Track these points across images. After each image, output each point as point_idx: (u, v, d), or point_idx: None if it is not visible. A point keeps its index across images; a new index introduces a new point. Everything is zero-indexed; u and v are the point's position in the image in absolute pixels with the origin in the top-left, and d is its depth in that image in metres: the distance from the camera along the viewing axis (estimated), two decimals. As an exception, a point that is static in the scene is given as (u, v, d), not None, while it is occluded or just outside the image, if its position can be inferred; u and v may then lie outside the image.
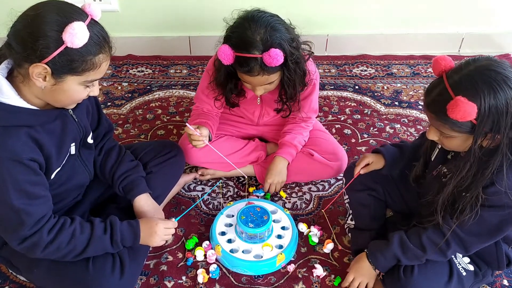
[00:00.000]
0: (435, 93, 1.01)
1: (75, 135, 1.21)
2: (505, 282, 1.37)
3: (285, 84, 1.45)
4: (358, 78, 2.38)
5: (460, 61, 1.03)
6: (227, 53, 1.31)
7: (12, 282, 1.36)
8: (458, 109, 0.94)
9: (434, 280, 1.20)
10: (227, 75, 1.46)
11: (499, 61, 0.99)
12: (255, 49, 1.29)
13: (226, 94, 1.53)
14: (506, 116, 0.96)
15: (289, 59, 1.35)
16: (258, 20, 1.30)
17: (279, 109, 1.61)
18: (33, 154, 1.05)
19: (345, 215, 1.55)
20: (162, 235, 1.26)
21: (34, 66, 0.96)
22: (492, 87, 0.94)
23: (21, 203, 1.04)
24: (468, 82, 0.96)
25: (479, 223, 1.08)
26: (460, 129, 1.00)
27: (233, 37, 1.33)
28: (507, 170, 1.01)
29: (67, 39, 0.95)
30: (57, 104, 1.08)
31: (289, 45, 1.33)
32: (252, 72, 1.33)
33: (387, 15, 2.46)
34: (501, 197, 1.03)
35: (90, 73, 1.03)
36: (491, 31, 2.53)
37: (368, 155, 1.37)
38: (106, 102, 2.17)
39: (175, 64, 2.49)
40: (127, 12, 2.40)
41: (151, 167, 1.47)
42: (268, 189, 1.64)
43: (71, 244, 1.13)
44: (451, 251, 1.16)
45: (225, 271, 1.40)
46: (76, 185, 1.29)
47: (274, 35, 1.30)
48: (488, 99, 0.94)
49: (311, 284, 1.37)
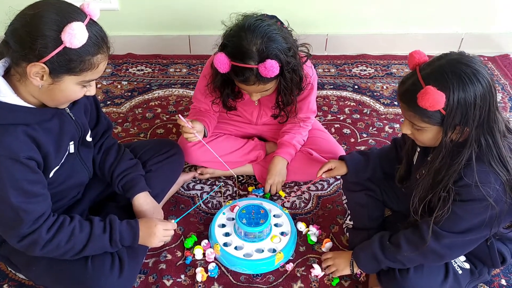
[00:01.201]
0: (408, 84, 1.05)
1: (73, 134, 1.21)
2: (503, 282, 1.37)
3: (281, 92, 1.46)
4: (358, 77, 2.38)
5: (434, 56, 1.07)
6: (223, 61, 1.31)
7: (11, 280, 1.37)
8: (427, 97, 0.98)
9: (430, 279, 1.20)
10: (223, 81, 1.46)
11: (470, 56, 1.02)
12: (251, 60, 1.29)
13: (223, 98, 1.53)
14: (474, 109, 0.99)
15: (285, 69, 1.35)
16: (255, 30, 1.29)
17: (276, 115, 1.61)
18: (30, 153, 1.05)
19: (344, 215, 1.56)
20: (161, 237, 1.26)
21: (32, 65, 0.96)
22: (462, 79, 0.98)
23: (19, 201, 1.04)
24: (439, 73, 1.00)
25: (454, 220, 1.09)
26: (430, 120, 1.03)
27: (230, 46, 1.32)
28: (475, 164, 1.04)
29: (65, 39, 0.95)
30: (52, 103, 1.08)
31: (285, 54, 1.32)
32: (248, 81, 1.33)
33: (386, 15, 2.47)
34: (471, 191, 1.04)
35: (88, 73, 1.02)
36: (491, 31, 2.54)
37: (332, 161, 1.45)
38: (106, 101, 2.17)
39: (174, 63, 2.49)
40: (127, 10, 2.40)
41: (150, 165, 1.48)
42: (269, 189, 1.65)
43: (70, 242, 1.13)
44: (429, 250, 1.13)
45: (223, 269, 1.41)
46: (75, 183, 1.30)
47: (271, 46, 1.29)
48: (457, 91, 0.98)
49: (310, 283, 1.37)
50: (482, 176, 1.03)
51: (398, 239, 1.19)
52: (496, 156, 1.03)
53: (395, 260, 1.20)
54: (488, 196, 1.03)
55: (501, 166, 1.03)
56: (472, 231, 1.09)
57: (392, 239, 1.21)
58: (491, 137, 1.03)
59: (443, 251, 1.13)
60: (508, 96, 2.23)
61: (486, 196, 1.03)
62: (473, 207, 1.06)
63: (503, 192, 1.04)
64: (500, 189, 1.04)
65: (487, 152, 1.04)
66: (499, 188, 1.03)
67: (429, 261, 1.17)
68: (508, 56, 2.54)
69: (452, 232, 1.10)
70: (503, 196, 1.04)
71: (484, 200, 1.03)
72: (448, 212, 1.08)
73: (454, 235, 1.10)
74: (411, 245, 1.16)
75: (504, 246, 1.24)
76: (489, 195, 1.03)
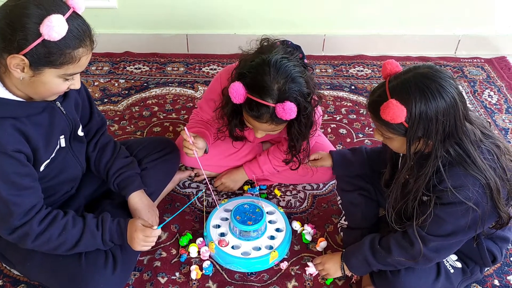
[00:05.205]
0: (376, 95, 1.07)
1: (64, 128, 1.20)
2: (496, 282, 1.38)
3: (294, 138, 1.38)
4: (355, 78, 2.39)
5: (404, 67, 1.08)
6: (239, 92, 1.22)
7: (6, 276, 1.37)
8: (388, 111, 1.00)
9: (422, 278, 1.21)
10: (233, 111, 1.36)
11: (439, 70, 1.03)
12: (270, 98, 1.20)
13: (230, 128, 1.45)
14: (436, 124, 1.00)
15: (301, 114, 1.27)
16: (281, 67, 1.20)
17: (288, 161, 1.52)
18: (18, 146, 1.05)
19: (339, 215, 1.56)
20: (141, 242, 1.22)
21: (11, 57, 0.96)
22: (424, 94, 0.99)
23: (8, 193, 1.05)
24: (403, 87, 1.01)
25: (438, 223, 1.10)
26: (394, 131, 1.05)
27: (249, 77, 1.23)
28: (446, 173, 1.05)
29: (44, 31, 0.94)
30: (36, 96, 1.07)
31: (304, 99, 1.25)
32: (261, 119, 1.24)
33: (384, 16, 2.47)
34: (450, 194, 1.05)
35: (69, 67, 1.01)
36: (488, 33, 2.54)
37: (319, 152, 1.50)
38: (103, 99, 2.17)
39: (172, 61, 2.49)
40: (124, 9, 2.40)
41: (146, 163, 1.48)
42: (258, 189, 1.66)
43: (62, 236, 1.14)
44: (418, 254, 1.14)
45: (218, 268, 1.41)
46: (68, 178, 1.29)
47: (292, 88, 1.21)
48: (419, 105, 0.99)
49: (304, 282, 1.38)
50: (460, 180, 1.05)
51: (388, 243, 1.20)
52: (471, 163, 1.05)
53: (386, 263, 1.21)
54: (467, 198, 1.04)
55: (479, 172, 1.04)
56: (457, 234, 1.11)
57: (383, 243, 1.22)
58: (461, 148, 1.05)
59: (431, 255, 1.14)
60: (504, 98, 2.24)
61: (465, 199, 1.04)
62: (454, 210, 1.07)
63: (483, 194, 1.05)
64: (480, 191, 1.05)
65: (461, 160, 1.05)
66: (479, 190, 1.04)
67: (419, 264, 1.18)
68: (504, 58, 2.55)
69: (438, 235, 1.12)
70: (484, 198, 1.05)
71: (464, 203, 1.04)
72: (431, 216, 1.09)
73: (440, 238, 1.12)
74: (401, 249, 1.17)
75: (494, 245, 1.25)
76: (468, 197, 1.04)
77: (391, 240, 1.19)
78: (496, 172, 1.06)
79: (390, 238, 1.20)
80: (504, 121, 2.09)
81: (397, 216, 1.19)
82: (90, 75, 2.34)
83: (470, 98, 2.24)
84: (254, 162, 1.65)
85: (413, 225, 1.13)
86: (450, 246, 1.15)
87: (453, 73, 2.40)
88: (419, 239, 1.12)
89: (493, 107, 2.17)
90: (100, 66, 2.41)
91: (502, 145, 1.11)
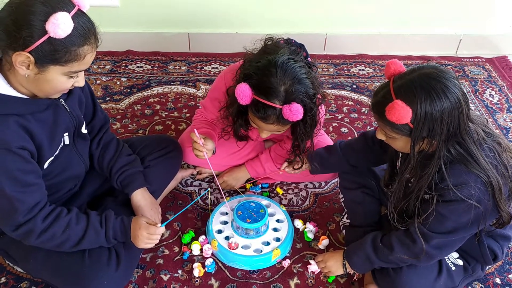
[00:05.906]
0: (380, 95, 1.07)
1: (68, 125, 1.20)
2: (498, 280, 1.39)
3: (298, 138, 1.38)
4: (356, 77, 2.39)
5: (409, 67, 1.08)
6: (246, 93, 1.21)
7: (9, 273, 1.37)
8: (394, 112, 1.00)
9: (424, 275, 1.21)
10: (238, 111, 1.36)
11: (444, 70, 1.03)
12: (276, 99, 1.20)
13: (235, 128, 1.44)
14: (441, 124, 1.00)
15: (307, 115, 1.27)
16: (287, 69, 1.20)
17: (291, 160, 1.54)
18: (23, 143, 1.05)
19: (341, 213, 1.57)
20: (144, 240, 1.23)
21: (17, 54, 0.96)
22: (430, 95, 0.99)
23: (13, 190, 1.05)
24: (409, 87, 1.01)
25: (440, 221, 1.11)
26: (399, 131, 1.05)
27: (255, 79, 1.22)
28: (448, 171, 1.06)
29: (49, 29, 0.94)
30: (41, 93, 1.07)
31: (310, 100, 1.25)
32: (267, 120, 1.25)
33: (385, 15, 2.48)
34: (450, 193, 1.06)
35: (74, 64, 1.01)
36: (489, 32, 2.55)
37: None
38: (105, 97, 2.17)
39: (174, 60, 2.49)
40: (127, 7, 2.40)
41: (149, 161, 1.48)
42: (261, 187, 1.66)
43: (65, 233, 1.14)
44: (420, 251, 1.15)
45: (220, 265, 1.42)
46: (71, 175, 1.30)
47: (299, 89, 1.21)
48: (424, 106, 0.99)
49: (306, 280, 1.38)
50: (462, 177, 1.05)
51: (390, 241, 1.20)
52: (473, 162, 1.05)
53: (388, 260, 1.21)
54: (469, 196, 1.04)
55: (481, 170, 1.05)
56: (459, 230, 1.11)
57: (384, 240, 1.22)
58: (464, 148, 1.05)
59: (433, 252, 1.15)
60: (505, 98, 2.24)
61: (467, 196, 1.04)
62: (457, 207, 1.07)
63: (485, 191, 1.06)
64: (482, 188, 1.05)
65: (463, 159, 1.05)
66: (481, 187, 1.05)
67: (421, 262, 1.18)
68: (505, 57, 2.55)
69: (440, 233, 1.12)
70: (486, 195, 1.06)
71: (466, 200, 1.05)
72: (434, 214, 1.09)
73: (442, 235, 1.12)
74: (403, 246, 1.17)
75: (495, 243, 1.25)
76: (470, 195, 1.04)
77: (393, 238, 1.20)
78: (497, 169, 1.07)
79: (392, 235, 1.21)
80: (505, 120, 2.09)
81: (398, 215, 1.19)
82: (92, 73, 2.34)
83: (472, 97, 2.24)
84: (256, 160, 1.66)
85: (415, 223, 1.14)
86: (452, 243, 1.15)
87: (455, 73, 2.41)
88: (421, 236, 1.13)
89: (494, 107, 2.18)
90: (102, 64, 2.41)
91: (503, 142, 1.12)
